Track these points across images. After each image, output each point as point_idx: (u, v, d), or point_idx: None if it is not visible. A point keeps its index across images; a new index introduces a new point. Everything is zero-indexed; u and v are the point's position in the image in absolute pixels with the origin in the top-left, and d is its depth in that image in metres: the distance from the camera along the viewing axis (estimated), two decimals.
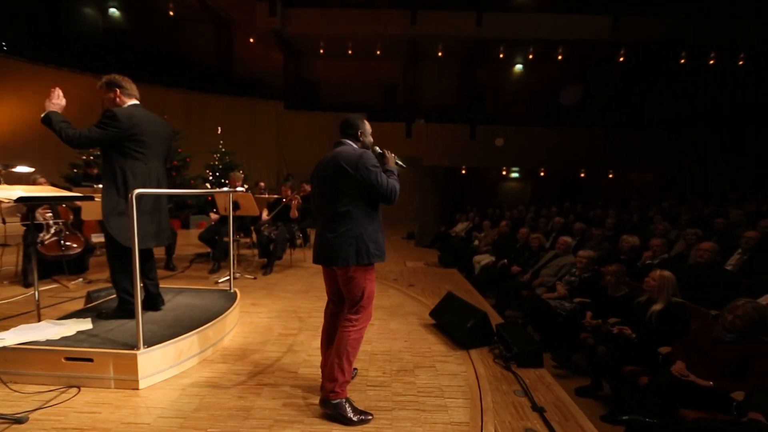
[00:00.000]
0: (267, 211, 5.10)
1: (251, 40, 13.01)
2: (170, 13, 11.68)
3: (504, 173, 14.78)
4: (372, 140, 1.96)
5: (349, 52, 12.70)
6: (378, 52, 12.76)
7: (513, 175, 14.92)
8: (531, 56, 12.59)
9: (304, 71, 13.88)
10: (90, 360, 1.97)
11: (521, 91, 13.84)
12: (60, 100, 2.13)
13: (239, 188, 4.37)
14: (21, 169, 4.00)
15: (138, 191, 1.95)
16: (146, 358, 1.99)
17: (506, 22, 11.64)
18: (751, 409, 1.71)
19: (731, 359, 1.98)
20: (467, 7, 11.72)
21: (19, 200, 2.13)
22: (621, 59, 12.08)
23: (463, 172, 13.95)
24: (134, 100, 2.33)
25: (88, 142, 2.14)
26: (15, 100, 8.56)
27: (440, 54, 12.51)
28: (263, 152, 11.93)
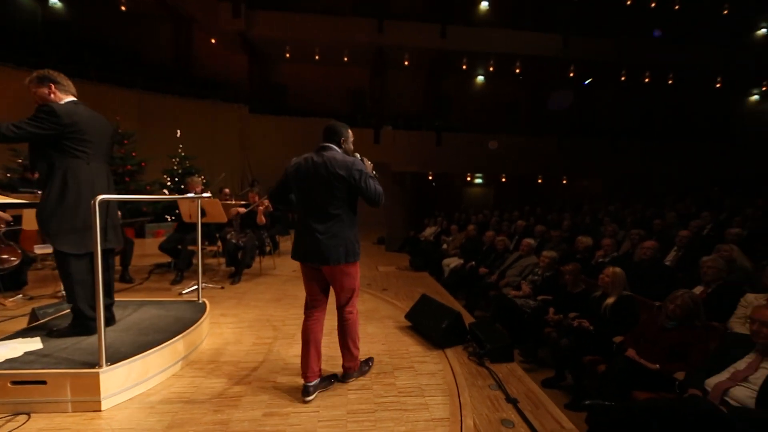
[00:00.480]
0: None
1: (213, 40, 12.52)
2: (122, 8, 10.96)
3: (468, 179, 15.39)
4: (353, 147, 2.04)
5: (317, 57, 12.65)
6: (345, 59, 12.83)
7: (477, 181, 15.58)
8: (492, 69, 13.30)
9: (270, 75, 13.58)
10: (42, 383, 1.80)
11: (484, 101, 14.55)
12: None
13: (206, 195, 4.18)
14: None
15: (101, 197, 1.84)
16: (109, 376, 1.86)
17: (468, 36, 12.23)
18: (690, 386, 1.95)
19: (674, 344, 2.23)
20: (432, 20, 12.17)
21: None
22: (571, 74, 13.14)
23: (430, 177, 14.34)
24: (71, 96, 2.18)
25: (16, 137, 1.92)
26: None
27: (407, 63, 12.85)
28: (226, 157, 11.45)
